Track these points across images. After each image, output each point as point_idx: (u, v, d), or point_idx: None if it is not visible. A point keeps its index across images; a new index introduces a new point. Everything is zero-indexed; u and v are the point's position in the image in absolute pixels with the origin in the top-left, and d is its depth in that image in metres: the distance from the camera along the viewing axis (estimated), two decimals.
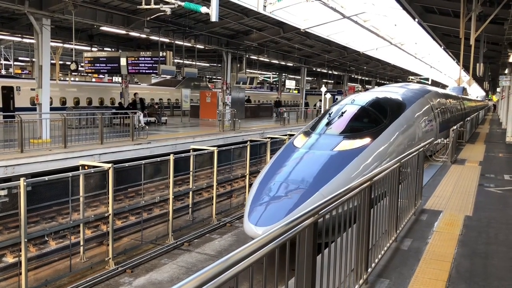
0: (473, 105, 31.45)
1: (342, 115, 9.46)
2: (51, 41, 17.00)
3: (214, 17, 13.07)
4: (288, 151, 8.71)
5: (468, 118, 18.48)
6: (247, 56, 28.65)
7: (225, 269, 1.88)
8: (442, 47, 23.86)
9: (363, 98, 10.41)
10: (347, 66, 41.58)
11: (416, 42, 31.36)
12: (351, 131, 8.93)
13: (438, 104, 13.81)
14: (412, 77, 50.08)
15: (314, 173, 7.68)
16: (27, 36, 21.79)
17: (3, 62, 33.26)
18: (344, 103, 10.18)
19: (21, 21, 19.04)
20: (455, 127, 12.88)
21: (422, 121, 10.83)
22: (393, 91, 12.05)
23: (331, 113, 9.84)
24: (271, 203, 7.05)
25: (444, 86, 46.06)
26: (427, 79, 49.93)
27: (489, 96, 65.24)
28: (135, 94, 24.03)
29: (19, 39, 24.18)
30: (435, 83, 50.29)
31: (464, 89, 28.13)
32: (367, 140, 8.49)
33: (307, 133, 9.23)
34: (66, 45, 23.80)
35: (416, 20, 16.70)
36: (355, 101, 10.12)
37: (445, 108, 15.06)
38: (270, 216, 6.70)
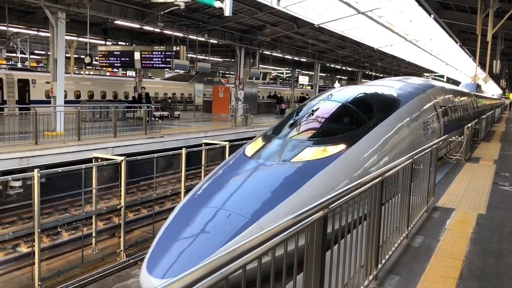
0: (488, 103, 30.54)
1: (314, 115, 7.58)
2: (66, 35, 17.15)
3: (227, 12, 13.06)
4: (234, 163, 6.70)
5: (484, 116, 18.14)
6: (260, 51, 28.59)
7: (233, 259, 1.88)
8: (458, 44, 23.55)
9: (344, 93, 8.43)
10: (361, 62, 41.29)
11: (431, 38, 30.94)
12: (322, 135, 7.04)
13: (444, 102, 12.06)
14: (427, 74, 49.53)
15: (257, 195, 5.61)
16: (43, 30, 22.03)
17: (20, 55, 33.67)
18: (319, 99, 8.27)
19: (37, 14, 19.25)
20: (469, 125, 12.63)
21: (420, 122, 8.94)
22: (387, 85, 10.32)
23: (301, 111, 7.96)
24: (186, 242, 4.95)
25: (456, 83, 45.42)
26: (442, 76, 49.36)
27: (506, 94, 64.29)
28: (142, 88, 24.05)
29: (35, 32, 24.45)
30: (450, 81, 49.70)
31: (478, 86, 27.34)
32: (341, 146, 6.57)
33: (266, 138, 7.24)
34: (81, 39, 24.02)
35: (432, 16, 16.49)
36: (333, 96, 8.12)
37: (452, 106, 13.28)
38: (179, 262, 4.68)
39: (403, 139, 7.86)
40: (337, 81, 36.83)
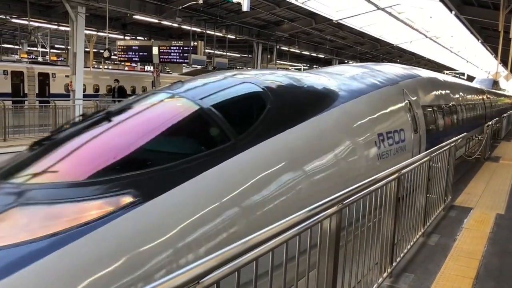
0: (508, 101, 29.14)
1: (118, 125, 3.82)
2: (86, 29, 17.37)
3: (245, 7, 13.08)
4: None
5: (505, 115, 17.73)
6: (277, 47, 28.52)
7: (244, 250, 1.86)
8: (480, 41, 23.13)
9: (209, 82, 4.68)
10: (380, 59, 40.89)
11: (452, 35, 30.46)
12: (112, 170, 3.07)
13: (431, 99, 8.42)
14: (447, 72, 48.84)
15: None
16: (63, 24, 22.34)
17: (40, 49, 34.18)
18: (157, 94, 4.33)
19: (58, 9, 19.52)
20: (490, 123, 12.33)
21: (370, 135, 5.24)
22: (334, 72, 6.72)
23: (99, 117, 3.99)
24: None
25: (473, 79, 44.57)
26: (463, 73, 48.60)
27: None
28: (115, 80, 22.04)
29: (55, 26, 24.83)
30: (470, 78, 48.91)
31: (495, 83, 25.81)
32: (126, 199, 2.82)
33: None
34: (100, 33, 24.29)
35: (453, 12, 16.23)
36: (184, 88, 4.31)
37: (448, 106, 9.62)
38: None
39: (317, 171, 4.18)
40: None
